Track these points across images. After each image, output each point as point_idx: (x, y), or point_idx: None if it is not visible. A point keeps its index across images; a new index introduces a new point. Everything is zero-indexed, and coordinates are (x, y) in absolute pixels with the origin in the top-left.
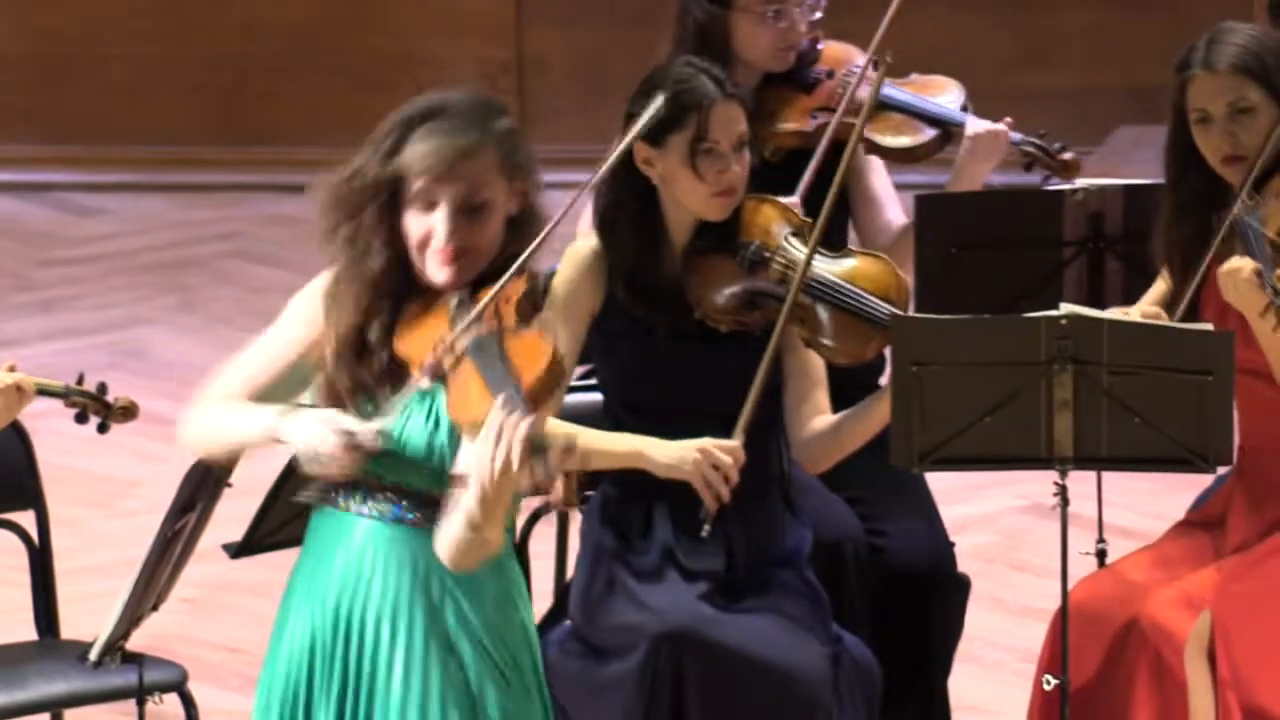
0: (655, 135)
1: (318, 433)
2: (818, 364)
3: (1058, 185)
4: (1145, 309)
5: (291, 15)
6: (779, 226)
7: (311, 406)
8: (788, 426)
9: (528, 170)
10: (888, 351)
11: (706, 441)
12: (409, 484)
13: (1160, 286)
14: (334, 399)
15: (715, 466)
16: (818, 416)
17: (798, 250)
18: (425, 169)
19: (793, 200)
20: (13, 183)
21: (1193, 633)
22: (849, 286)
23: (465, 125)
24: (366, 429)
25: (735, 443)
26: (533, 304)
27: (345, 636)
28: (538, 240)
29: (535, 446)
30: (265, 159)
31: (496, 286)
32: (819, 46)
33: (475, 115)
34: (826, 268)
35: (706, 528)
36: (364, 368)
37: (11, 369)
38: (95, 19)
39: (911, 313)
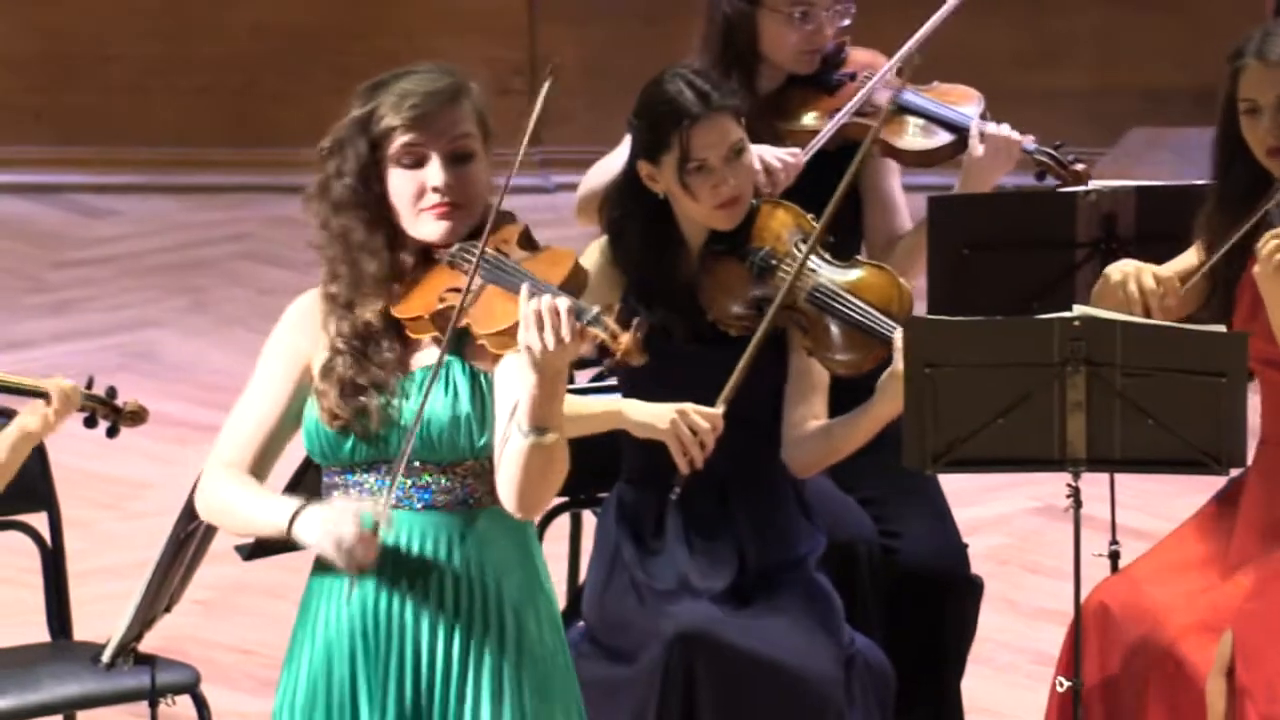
0: (651, 154)
1: (331, 532)
2: (820, 370)
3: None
4: (1165, 276)
5: (300, 16)
6: (790, 233)
7: (310, 503)
8: (782, 426)
9: (490, 127)
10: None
11: (686, 405)
12: (442, 460)
13: (1189, 258)
14: (340, 407)
15: (693, 430)
16: (811, 421)
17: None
18: (406, 118)
19: (796, 150)
20: (24, 184)
21: (1217, 657)
22: (851, 298)
23: (436, 75)
24: (377, 514)
25: (716, 410)
26: (532, 241)
27: (389, 628)
28: (508, 177)
29: (579, 312)
30: (275, 160)
31: (489, 227)
32: (845, 51)
33: (441, 69)
34: (831, 277)
35: (676, 490)
36: (373, 358)
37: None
38: (106, 21)
39: (923, 314)
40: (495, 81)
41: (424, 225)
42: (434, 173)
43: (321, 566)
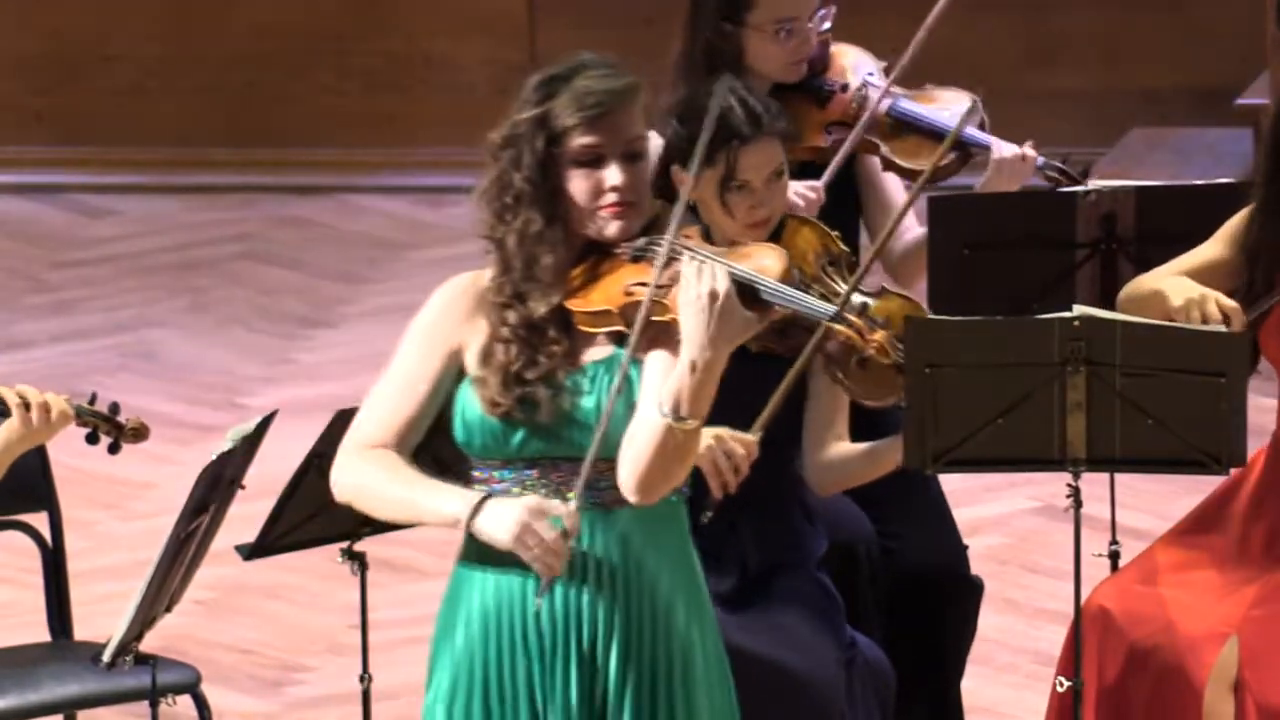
0: (688, 163)
1: (520, 536)
2: (841, 392)
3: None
4: (1231, 307)
5: (302, 17)
6: (817, 255)
7: (490, 496)
8: (804, 443)
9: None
10: None
11: (723, 431)
12: (613, 455)
13: (1208, 253)
14: (501, 394)
15: (727, 455)
16: (836, 443)
17: (833, 282)
18: (586, 117)
19: (816, 184)
20: (24, 184)
21: (1216, 664)
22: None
23: (613, 72)
24: (566, 514)
25: (751, 437)
26: (712, 238)
27: (557, 625)
28: (688, 183)
29: (739, 283)
30: (276, 160)
31: (676, 220)
32: (830, 50)
33: (615, 65)
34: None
35: (708, 514)
36: (541, 349)
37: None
38: (106, 21)
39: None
40: (495, 81)
41: (600, 223)
42: (613, 173)
43: (475, 555)
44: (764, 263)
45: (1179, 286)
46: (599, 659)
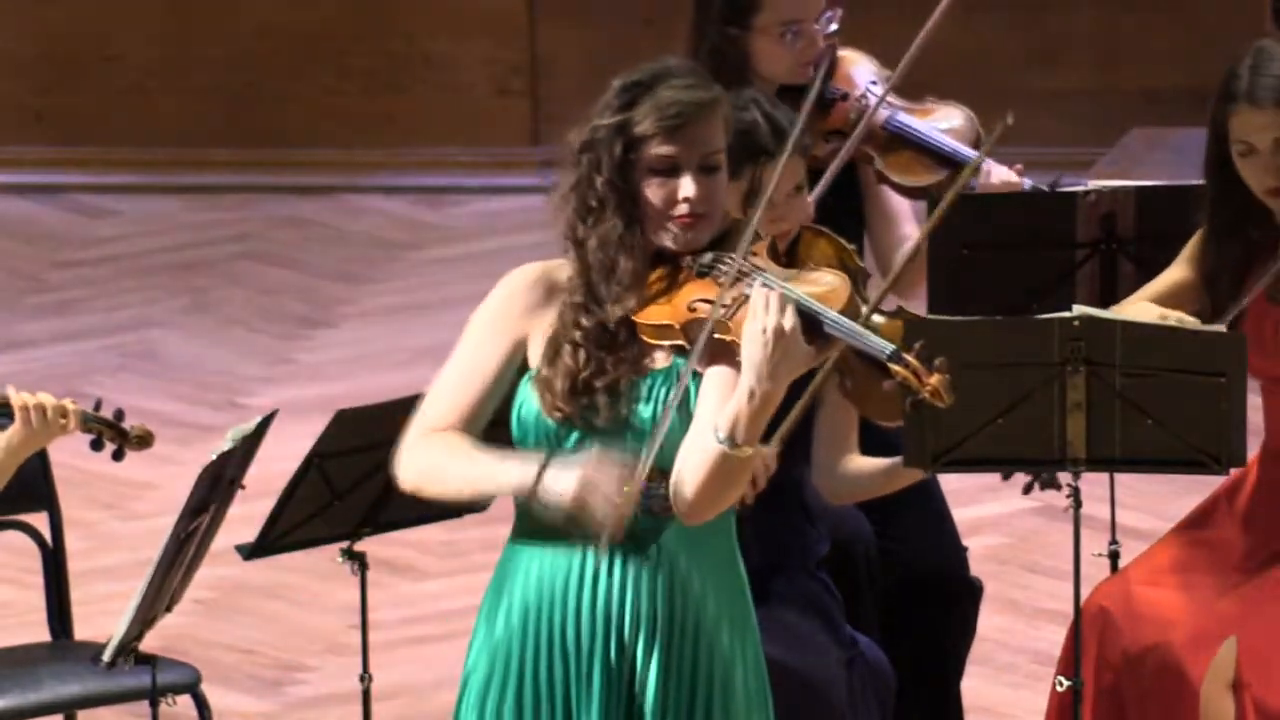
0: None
1: (586, 479)
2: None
3: (1070, 186)
4: (1151, 307)
5: (303, 17)
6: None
7: (554, 456)
8: (815, 452)
9: (731, 129)
10: None
11: None
12: (668, 466)
13: (1173, 276)
14: (567, 401)
15: None
16: (850, 455)
17: None
18: (665, 128)
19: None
20: (24, 184)
21: (1214, 664)
22: (888, 345)
23: (696, 83)
24: (640, 466)
25: (770, 450)
26: (778, 252)
27: (594, 630)
28: (763, 198)
29: (804, 315)
30: (276, 160)
31: (746, 240)
32: (836, 55)
33: (698, 75)
34: (877, 325)
35: None
36: (609, 358)
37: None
38: (106, 21)
39: (923, 314)
40: (495, 81)
41: (669, 233)
42: (686, 184)
43: (528, 534)
44: (828, 291)
45: (1141, 312)
46: (636, 669)
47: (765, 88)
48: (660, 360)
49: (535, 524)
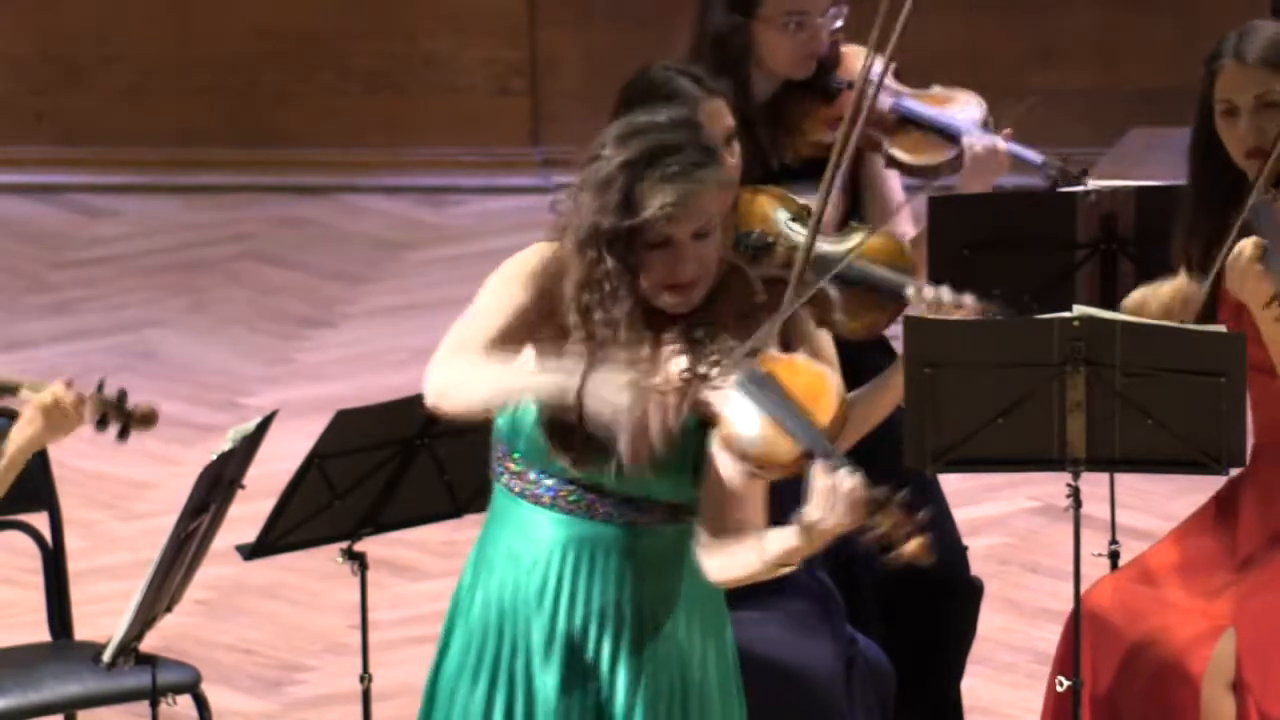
0: None
1: (636, 383)
2: (827, 349)
3: (1069, 187)
4: (1155, 296)
5: (302, 17)
6: (778, 213)
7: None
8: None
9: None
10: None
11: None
12: (651, 495)
13: (1181, 280)
14: (567, 448)
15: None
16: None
17: (799, 233)
18: (670, 215)
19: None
20: (25, 184)
21: (1212, 662)
22: (858, 261)
23: (695, 158)
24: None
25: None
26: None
27: (580, 639)
28: (788, 308)
29: (873, 505)
30: (277, 160)
31: (758, 338)
32: (839, 50)
33: (693, 143)
34: (831, 247)
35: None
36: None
37: (69, 383)
38: (107, 21)
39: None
40: (495, 81)
41: (663, 298)
42: (682, 257)
43: (521, 494)
44: (811, 402)
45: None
46: (604, 665)
47: (768, 81)
48: None
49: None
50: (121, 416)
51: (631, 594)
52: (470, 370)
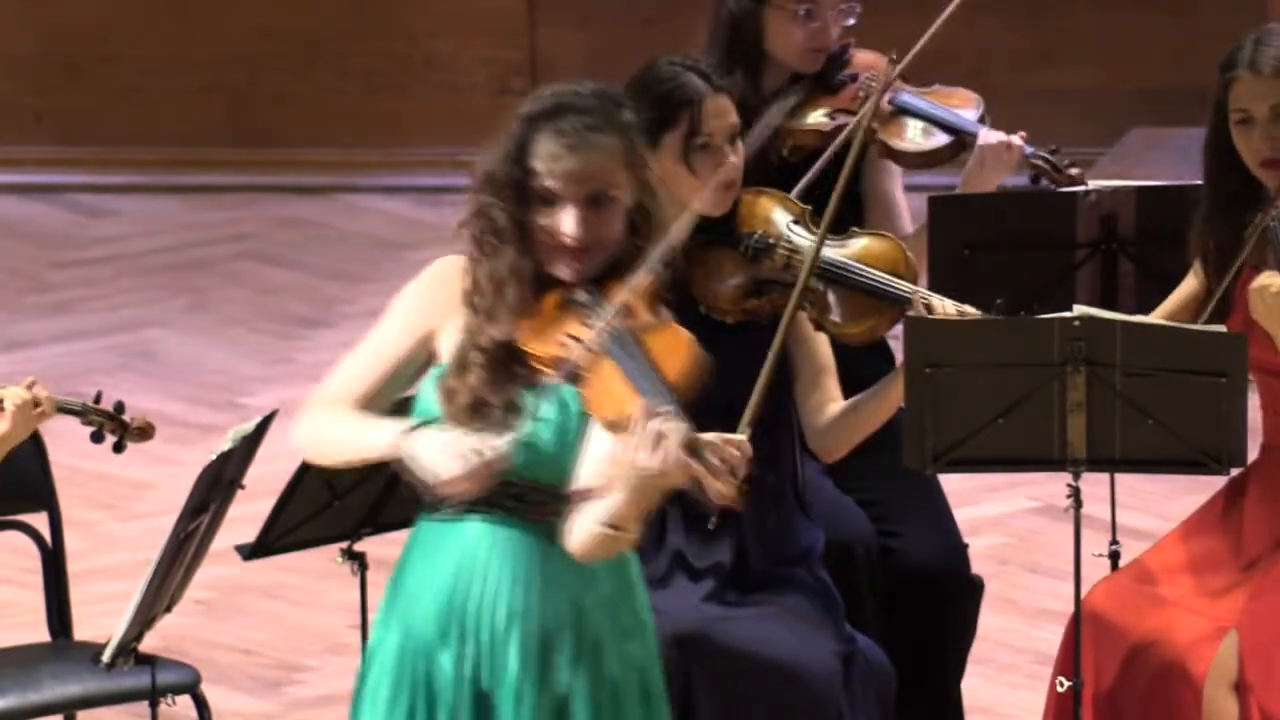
0: (653, 135)
1: (447, 453)
2: (825, 352)
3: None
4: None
5: (303, 17)
6: (779, 215)
7: (429, 424)
8: (801, 417)
9: (644, 161)
10: (894, 348)
11: (713, 436)
12: (538, 480)
13: (1190, 285)
14: (465, 417)
15: (722, 460)
16: (830, 404)
17: (801, 236)
18: (555, 167)
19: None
20: (24, 184)
21: (1214, 663)
22: (857, 265)
23: (592, 121)
24: (498, 447)
25: (741, 436)
26: (662, 298)
27: (464, 639)
28: (669, 240)
29: (694, 449)
30: (276, 160)
31: (631, 283)
32: (849, 52)
33: (599, 109)
34: (833, 250)
35: (713, 519)
36: (510, 379)
37: (31, 385)
38: (107, 20)
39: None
40: (495, 81)
41: (555, 264)
42: (569, 219)
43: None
44: (666, 358)
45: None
46: (559, 681)
47: (778, 73)
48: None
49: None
50: (117, 428)
51: (553, 594)
52: (321, 428)
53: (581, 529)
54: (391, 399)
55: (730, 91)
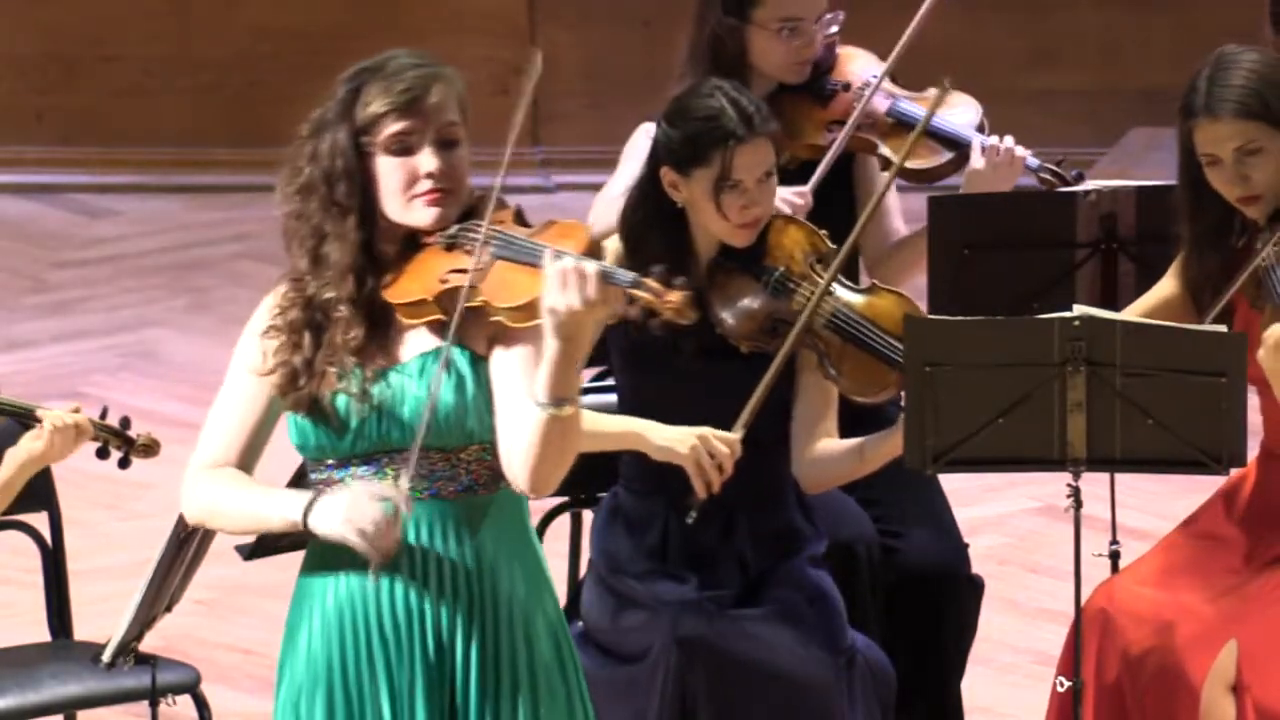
0: (681, 165)
1: (348, 530)
2: (831, 388)
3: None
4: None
5: (302, 17)
6: (804, 253)
7: (323, 492)
8: (793, 440)
9: (468, 108)
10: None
11: (706, 430)
12: (447, 445)
13: (1163, 290)
14: (289, 385)
15: (711, 455)
16: (824, 439)
17: (820, 279)
18: (397, 104)
19: (803, 190)
20: (25, 184)
21: (1215, 666)
22: (870, 325)
23: (416, 63)
24: (397, 495)
25: (734, 436)
26: (526, 221)
27: (408, 620)
28: (503, 166)
29: (608, 274)
30: (276, 160)
31: (491, 205)
32: (835, 54)
33: (418, 56)
34: (848, 300)
35: (692, 514)
36: (331, 341)
37: (76, 410)
38: (107, 20)
39: (924, 314)
40: (495, 81)
41: (415, 212)
42: (426, 159)
43: (317, 564)
44: (574, 244)
45: None
46: (448, 659)
47: (764, 83)
48: (426, 343)
49: (326, 557)
50: (123, 445)
51: (460, 571)
52: (216, 503)
53: (521, 444)
54: (266, 442)
55: (772, 133)
